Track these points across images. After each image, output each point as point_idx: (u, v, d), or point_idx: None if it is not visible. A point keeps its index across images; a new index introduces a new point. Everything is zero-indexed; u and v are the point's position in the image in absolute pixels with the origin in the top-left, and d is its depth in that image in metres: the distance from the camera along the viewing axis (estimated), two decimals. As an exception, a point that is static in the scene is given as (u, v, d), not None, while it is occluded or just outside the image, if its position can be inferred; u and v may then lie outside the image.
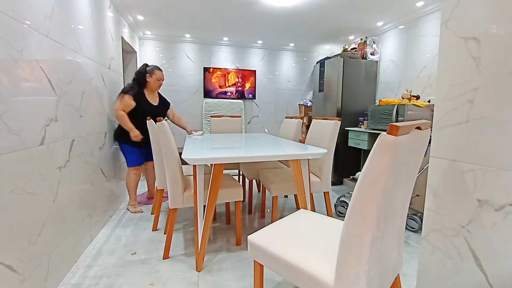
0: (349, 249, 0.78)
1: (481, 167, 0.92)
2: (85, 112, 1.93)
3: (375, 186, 0.70)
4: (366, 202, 0.72)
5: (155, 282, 1.55)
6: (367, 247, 0.74)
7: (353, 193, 0.75)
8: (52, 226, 1.46)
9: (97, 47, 2.23)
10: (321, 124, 2.28)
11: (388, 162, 0.68)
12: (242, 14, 3.16)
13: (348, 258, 0.79)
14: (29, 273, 1.24)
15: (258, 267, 1.14)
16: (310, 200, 1.94)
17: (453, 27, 1.01)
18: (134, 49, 3.65)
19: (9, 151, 1.12)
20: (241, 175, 3.34)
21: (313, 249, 1.03)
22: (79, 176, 1.80)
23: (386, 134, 0.68)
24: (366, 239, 0.74)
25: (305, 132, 4.48)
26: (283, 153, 1.71)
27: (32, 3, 1.32)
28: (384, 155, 0.68)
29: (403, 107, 2.56)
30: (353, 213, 0.76)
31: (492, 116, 0.89)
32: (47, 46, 1.45)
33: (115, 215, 2.53)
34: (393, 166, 0.69)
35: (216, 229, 2.24)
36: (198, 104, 4.41)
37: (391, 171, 0.69)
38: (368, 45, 3.63)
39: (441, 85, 1.07)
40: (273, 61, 4.69)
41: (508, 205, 0.85)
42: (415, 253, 1.86)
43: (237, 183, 1.95)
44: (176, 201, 1.76)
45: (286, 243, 1.07)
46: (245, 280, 1.57)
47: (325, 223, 1.26)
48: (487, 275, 0.92)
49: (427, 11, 2.86)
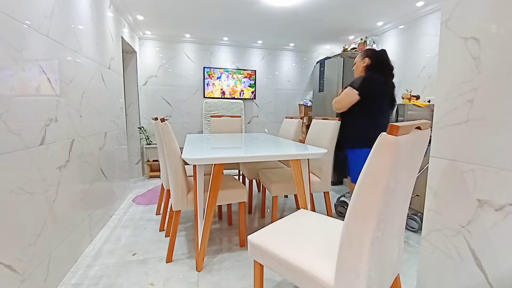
0: (349, 249, 0.78)
1: (481, 167, 0.92)
2: (85, 112, 1.93)
3: (375, 186, 0.70)
4: (366, 202, 0.72)
5: (155, 282, 1.55)
6: (367, 247, 0.74)
7: (353, 193, 0.75)
8: (52, 226, 1.46)
9: (97, 47, 2.23)
10: (321, 124, 2.28)
11: (388, 162, 0.68)
12: (242, 14, 3.16)
13: (348, 258, 0.79)
14: (29, 273, 1.24)
15: (258, 267, 1.14)
16: (310, 200, 1.94)
17: (453, 27, 1.01)
18: (134, 49, 3.65)
19: (9, 151, 1.12)
20: (241, 175, 3.34)
21: (313, 249, 1.03)
22: (79, 176, 1.80)
23: (386, 134, 0.68)
24: (366, 239, 0.74)
25: (305, 132, 4.48)
26: (283, 153, 1.71)
27: (32, 3, 1.32)
28: (384, 155, 0.68)
29: (403, 107, 2.56)
30: (353, 213, 0.76)
31: (492, 116, 0.89)
32: (47, 46, 1.45)
33: (115, 215, 2.53)
34: (393, 166, 0.69)
35: (217, 230, 2.24)
36: (198, 104, 4.41)
37: (391, 171, 0.69)
38: (368, 45, 3.63)
39: (441, 85, 1.07)
40: (273, 61, 4.69)
41: (508, 205, 0.85)
42: (415, 253, 1.86)
43: (240, 184, 1.94)
44: (179, 203, 1.74)
45: (286, 243, 1.07)
46: (245, 280, 1.57)
47: (325, 223, 1.26)
48: (487, 275, 0.92)
49: (427, 11, 2.86)
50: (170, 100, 4.29)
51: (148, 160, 3.99)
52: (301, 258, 0.96)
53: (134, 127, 3.84)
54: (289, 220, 1.30)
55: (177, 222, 1.78)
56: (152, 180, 3.84)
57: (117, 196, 2.66)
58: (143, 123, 4.05)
